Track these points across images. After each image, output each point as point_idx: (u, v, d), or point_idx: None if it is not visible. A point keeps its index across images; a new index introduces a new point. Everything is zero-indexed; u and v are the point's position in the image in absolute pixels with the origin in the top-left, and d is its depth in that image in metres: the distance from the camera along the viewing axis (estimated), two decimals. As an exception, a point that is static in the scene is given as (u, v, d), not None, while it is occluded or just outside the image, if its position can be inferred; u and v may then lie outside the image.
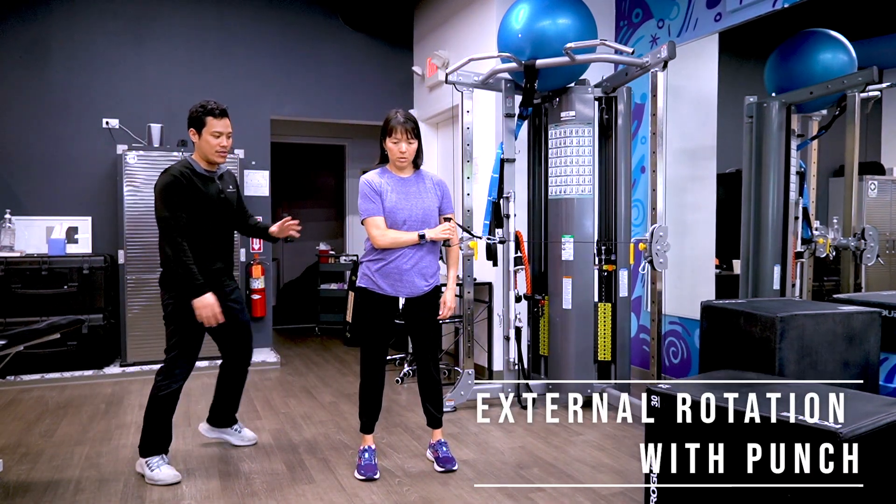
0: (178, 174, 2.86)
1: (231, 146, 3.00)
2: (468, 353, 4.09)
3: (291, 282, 7.89)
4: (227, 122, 2.96)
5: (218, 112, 2.93)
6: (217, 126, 2.92)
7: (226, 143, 2.95)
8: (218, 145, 2.94)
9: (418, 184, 2.94)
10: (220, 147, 2.94)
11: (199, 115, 2.92)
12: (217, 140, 2.93)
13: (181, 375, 2.94)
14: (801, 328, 2.65)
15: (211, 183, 3.00)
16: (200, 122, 2.92)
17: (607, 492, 2.75)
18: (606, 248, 4.05)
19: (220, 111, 2.94)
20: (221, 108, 2.95)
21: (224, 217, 3.07)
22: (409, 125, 2.85)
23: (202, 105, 2.93)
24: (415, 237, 2.82)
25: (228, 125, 2.97)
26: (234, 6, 5.63)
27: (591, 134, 4.00)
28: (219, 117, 2.93)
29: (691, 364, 4.19)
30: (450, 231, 2.87)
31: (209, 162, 3.00)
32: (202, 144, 2.95)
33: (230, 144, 2.99)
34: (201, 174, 2.96)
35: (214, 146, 2.93)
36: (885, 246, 3.33)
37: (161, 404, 2.91)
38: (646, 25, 4.50)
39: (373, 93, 6.09)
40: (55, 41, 5.15)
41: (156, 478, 2.85)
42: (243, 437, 3.34)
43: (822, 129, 3.63)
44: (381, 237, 2.83)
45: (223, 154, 2.98)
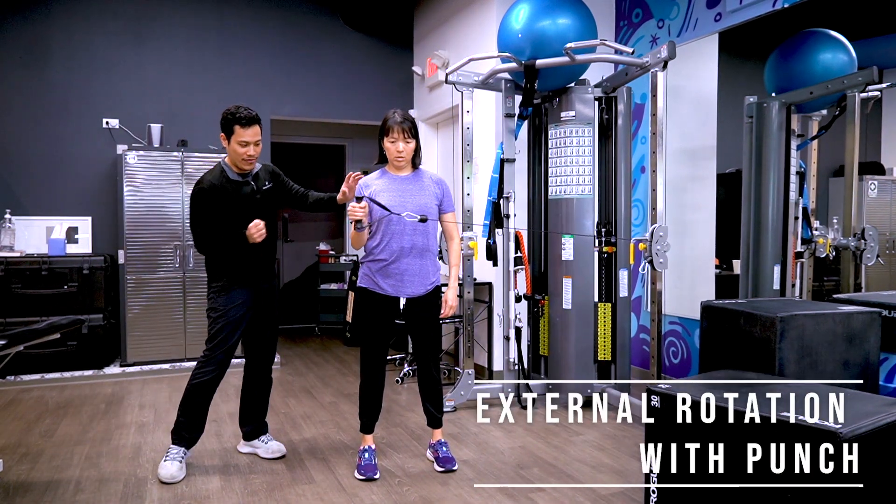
0: (206, 185, 2.93)
1: (259, 152, 2.99)
2: (468, 353, 4.09)
3: (291, 282, 7.89)
4: (255, 131, 2.93)
5: (245, 121, 2.89)
6: (244, 135, 2.90)
7: (253, 151, 2.95)
8: (245, 154, 2.93)
9: (415, 182, 2.94)
10: (246, 156, 2.94)
11: (228, 122, 2.91)
12: (244, 149, 2.92)
13: (219, 366, 3.01)
14: (801, 328, 2.65)
15: (244, 186, 3.02)
16: (229, 129, 2.91)
17: (607, 492, 2.75)
18: (607, 230, 4.03)
19: (248, 119, 2.90)
20: (250, 115, 2.91)
21: (260, 215, 3.03)
22: (406, 125, 2.86)
23: (231, 112, 2.91)
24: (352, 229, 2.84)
25: (257, 133, 2.94)
26: (234, 6, 5.63)
27: (591, 134, 4.00)
28: (245, 126, 2.89)
29: (691, 364, 4.19)
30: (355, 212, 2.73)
31: (241, 169, 3.02)
32: (230, 151, 2.96)
33: (259, 152, 2.98)
34: (233, 179, 3.00)
35: (241, 154, 2.93)
36: (885, 246, 3.33)
37: (195, 393, 2.98)
38: (646, 25, 4.50)
39: (373, 93, 6.09)
40: (55, 41, 5.15)
41: (160, 469, 2.90)
42: (269, 450, 3.22)
43: (822, 129, 3.63)
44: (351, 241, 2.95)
45: (250, 162, 2.99)
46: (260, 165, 3.14)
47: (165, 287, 4.97)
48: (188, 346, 5.08)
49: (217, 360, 3.01)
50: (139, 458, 3.17)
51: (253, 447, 3.25)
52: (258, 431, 3.26)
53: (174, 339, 5.03)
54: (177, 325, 5.03)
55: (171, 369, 4.95)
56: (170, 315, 5.01)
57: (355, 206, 2.74)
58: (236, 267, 3.02)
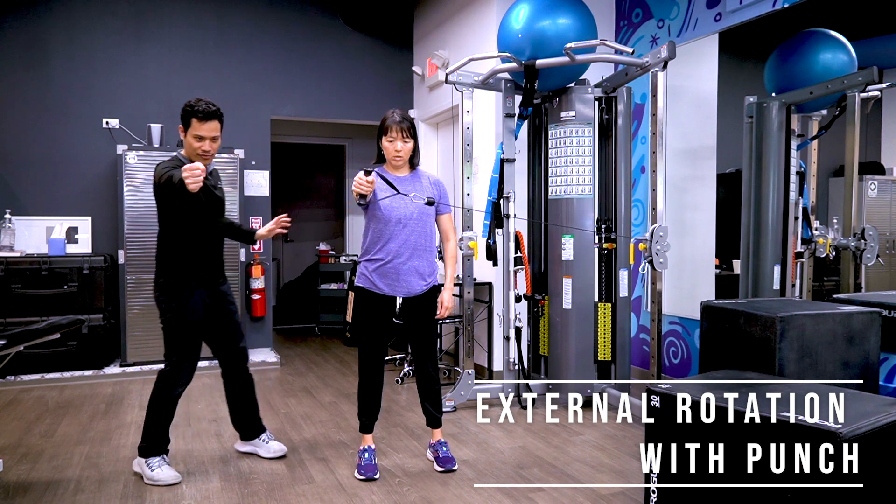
0: (171, 167, 2.77)
1: (216, 148, 2.87)
2: (468, 353, 4.09)
3: (291, 282, 7.89)
4: (213, 126, 2.81)
5: (203, 115, 2.77)
6: (200, 129, 2.78)
7: (208, 147, 2.82)
8: (200, 148, 2.82)
9: (414, 183, 2.94)
10: (201, 150, 2.82)
11: (186, 114, 2.80)
12: (199, 143, 2.81)
13: (188, 378, 2.93)
14: (801, 328, 2.65)
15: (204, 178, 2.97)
16: (187, 121, 2.81)
17: (607, 492, 2.75)
18: (607, 226, 4.03)
19: (206, 114, 2.78)
20: (209, 110, 2.79)
21: (217, 212, 3.02)
22: (404, 124, 2.86)
23: (191, 104, 2.80)
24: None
25: (215, 129, 2.82)
26: (234, 6, 5.63)
27: (591, 134, 4.00)
28: (203, 120, 2.77)
29: (691, 364, 4.19)
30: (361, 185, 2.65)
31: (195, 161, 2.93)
32: (186, 144, 2.86)
33: (215, 148, 2.87)
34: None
35: (196, 149, 2.82)
36: (885, 246, 3.33)
37: (163, 405, 2.90)
38: (646, 25, 4.50)
39: (373, 93, 6.09)
40: (55, 41, 5.15)
41: (156, 478, 2.85)
42: (270, 449, 3.20)
43: (822, 129, 3.63)
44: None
45: (206, 157, 2.85)
46: (213, 166, 3.07)
47: (165, 287, 4.97)
48: (188, 346, 5.08)
49: (185, 371, 2.92)
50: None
51: (254, 447, 3.24)
52: (256, 430, 3.24)
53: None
54: (177, 325, 5.02)
55: (171, 369, 4.94)
56: (170, 315, 5.00)
57: (363, 179, 2.65)
58: (193, 265, 2.91)
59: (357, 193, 2.69)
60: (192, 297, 2.88)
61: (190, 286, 2.88)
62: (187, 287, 2.88)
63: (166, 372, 2.90)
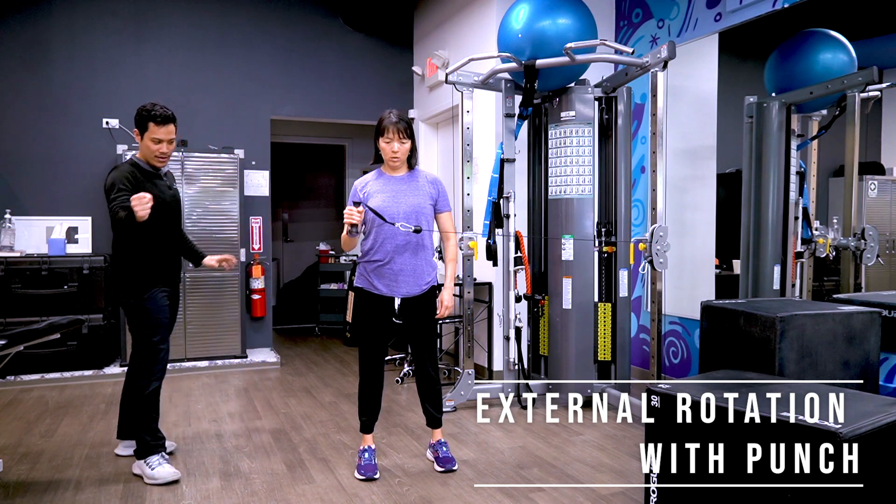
0: (126, 171, 2.86)
1: (172, 150, 2.98)
2: (468, 353, 4.09)
3: (291, 282, 7.89)
4: (170, 129, 2.92)
5: (160, 119, 2.88)
6: (158, 133, 2.89)
7: (166, 149, 2.94)
8: (158, 150, 2.92)
9: (410, 182, 2.94)
10: (159, 153, 2.93)
11: (143, 119, 2.89)
12: (157, 146, 2.91)
13: (161, 378, 2.98)
14: (801, 328, 2.65)
15: (158, 180, 3.01)
16: (143, 125, 2.90)
17: (607, 492, 2.75)
18: (607, 230, 4.03)
19: (163, 118, 2.89)
20: (165, 114, 2.90)
21: (174, 215, 3.09)
22: (401, 125, 2.85)
23: (146, 109, 2.89)
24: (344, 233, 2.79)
25: (171, 132, 2.93)
26: (234, 6, 5.63)
27: (591, 134, 4.00)
28: (160, 124, 2.88)
29: (691, 364, 4.19)
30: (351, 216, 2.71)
31: (151, 164, 3.00)
32: (143, 148, 2.94)
33: (172, 150, 2.98)
34: (147, 171, 2.96)
35: (154, 151, 2.92)
36: (885, 246, 3.33)
37: (144, 403, 2.93)
38: (646, 25, 4.50)
39: (373, 93, 6.09)
40: (55, 41, 5.15)
41: (156, 476, 2.85)
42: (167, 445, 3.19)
43: (822, 129, 3.63)
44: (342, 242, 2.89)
45: (163, 160, 2.98)
46: (166, 169, 3.15)
47: (165, 287, 4.97)
48: (188, 346, 5.09)
49: (159, 372, 2.97)
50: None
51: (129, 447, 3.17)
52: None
53: (174, 339, 5.01)
54: (177, 325, 5.00)
55: (171, 369, 4.94)
56: (170, 315, 5.00)
57: (352, 210, 2.73)
58: (155, 266, 2.97)
59: (349, 224, 2.73)
60: (158, 296, 2.95)
61: (155, 286, 2.95)
62: (152, 287, 2.94)
63: (137, 372, 2.94)
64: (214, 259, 3.24)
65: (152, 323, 2.93)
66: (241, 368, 5.17)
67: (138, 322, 2.93)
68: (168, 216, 3.02)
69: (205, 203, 5.14)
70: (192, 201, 5.10)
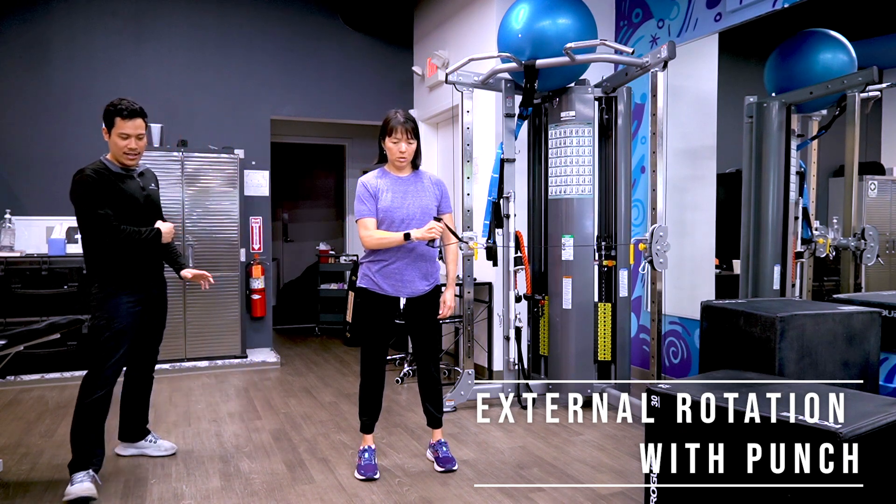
0: (91, 172, 2.77)
1: (142, 147, 2.88)
2: (468, 353, 4.09)
3: (291, 282, 7.89)
4: (137, 124, 2.81)
5: (126, 113, 2.77)
6: (125, 128, 2.78)
7: (135, 144, 2.83)
8: (126, 147, 2.81)
9: (416, 183, 2.94)
10: (127, 149, 2.82)
11: (109, 115, 2.79)
12: (125, 142, 2.80)
13: (108, 384, 2.81)
14: (801, 328, 2.65)
15: (129, 180, 2.90)
16: (110, 121, 2.79)
17: (607, 492, 2.75)
18: (606, 244, 4.04)
19: (130, 112, 2.78)
20: (132, 108, 2.79)
21: (150, 215, 2.97)
22: (408, 125, 2.85)
23: (113, 104, 2.79)
24: (400, 237, 2.80)
25: (139, 126, 2.82)
26: (234, 6, 5.63)
27: (591, 134, 4.00)
28: (127, 118, 2.78)
29: (691, 364, 4.19)
30: (436, 230, 2.79)
31: (123, 164, 2.89)
32: (112, 145, 2.84)
33: (142, 146, 2.88)
34: (117, 172, 2.86)
35: (122, 147, 2.81)
36: (885, 246, 3.33)
37: (84, 412, 2.76)
38: (646, 25, 4.50)
39: (373, 93, 6.09)
40: (55, 41, 5.15)
41: (69, 492, 2.64)
42: (160, 447, 3.19)
43: (822, 129, 3.63)
44: (369, 238, 2.84)
45: (132, 157, 2.86)
46: (146, 166, 3.07)
47: (165, 287, 4.96)
48: (188, 346, 5.09)
49: (104, 377, 2.79)
50: (139, 458, 3.17)
51: (139, 448, 3.19)
52: (142, 434, 3.19)
53: (174, 339, 5.03)
54: (177, 325, 5.03)
55: (171, 369, 4.95)
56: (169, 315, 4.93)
57: (437, 226, 2.76)
58: (126, 269, 2.85)
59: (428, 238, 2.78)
60: (122, 306, 2.82)
61: (120, 294, 2.82)
62: (117, 295, 2.81)
63: (87, 377, 2.79)
64: (190, 273, 3.09)
65: (107, 326, 2.77)
66: (241, 368, 5.17)
67: (95, 322, 2.80)
68: (139, 218, 2.89)
69: (205, 203, 5.13)
70: (192, 201, 5.10)
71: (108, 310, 2.80)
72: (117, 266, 2.83)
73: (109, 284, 2.82)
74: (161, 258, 3.07)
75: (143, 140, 2.86)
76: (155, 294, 3.02)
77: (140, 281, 2.91)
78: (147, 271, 2.95)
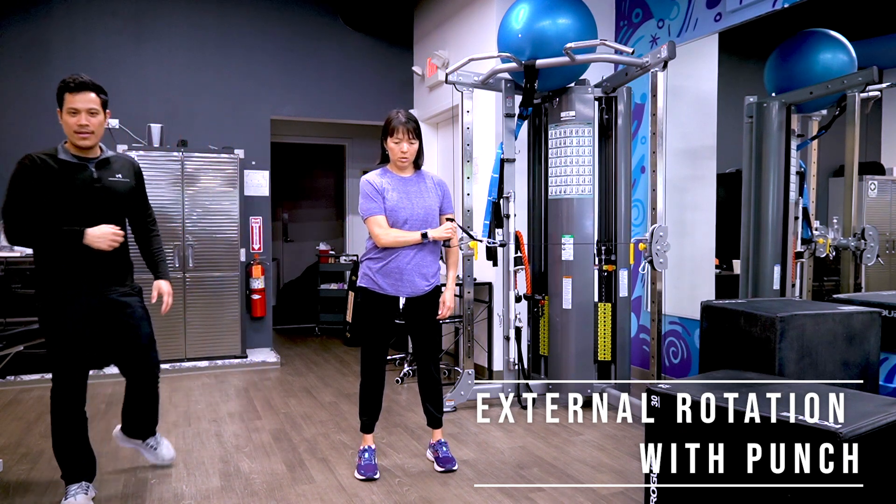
0: (27, 160, 2.47)
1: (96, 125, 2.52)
2: (468, 353, 4.09)
3: (291, 282, 7.89)
4: (88, 98, 2.47)
5: (74, 85, 2.45)
6: (74, 102, 2.45)
7: (85, 121, 2.47)
8: (76, 124, 2.47)
9: (419, 183, 2.94)
10: (77, 126, 2.47)
11: (59, 91, 2.48)
12: (74, 118, 2.46)
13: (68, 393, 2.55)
14: (801, 328, 2.65)
15: (79, 170, 2.54)
16: (60, 99, 2.48)
17: (607, 492, 2.75)
18: (606, 248, 4.05)
19: (78, 84, 2.46)
20: (81, 80, 2.47)
21: (103, 210, 2.57)
22: (410, 125, 2.85)
23: (64, 80, 2.48)
24: (417, 236, 2.82)
25: (91, 101, 2.48)
26: (234, 6, 5.63)
27: (591, 134, 4.00)
28: (76, 91, 2.45)
29: (691, 364, 4.19)
30: (452, 231, 2.87)
31: (78, 146, 2.54)
32: (64, 126, 2.50)
33: (96, 124, 2.51)
34: (64, 160, 2.51)
35: (72, 125, 2.47)
36: (885, 246, 3.33)
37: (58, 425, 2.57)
38: (646, 25, 4.50)
39: (373, 93, 6.09)
40: (55, 41, 5.15)
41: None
42: (157, 456, 3.01)
43: (822, 129, 3.63)
44: (384, 236, 2.82)
45: (84, 136, 2.50)
46: (116, 154, 2.72)
47: (165, 287, 4.96)
48: (188, 345, 5.09)
49: (59, 388, 2.53)
50: (139, 458, 3.16)
51: (137, 447, 3.02)
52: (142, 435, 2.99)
53: (174, 339, 5.03)
54: (177, 325, 5.03)
55: (171, 369, 4.95)
56: (170, 315, 5.00)
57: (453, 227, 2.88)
58: (70, 269, 2.52)
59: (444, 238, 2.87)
60: (67, 308, 2.53)
61: (65, 296, 2.53)
62: (62, 296, 2.53)
63: (52, 388, 2.57)
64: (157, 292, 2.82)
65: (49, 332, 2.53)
66: (241, 368, 5.17)
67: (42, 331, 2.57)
68: (85, 213, 2.52)
69: (205, 203, 5.13)
70: (192, 201, 5.09)
71: (50, 315, 2.53)
72: (57, 266, 2.52)
73: (51, 287, 2.53)
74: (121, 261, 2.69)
75: (96, 117, 2.51)
76: (115, 300, 2.64)
77: (87, 284, 2.56)
78: (96, 273, 2.58)
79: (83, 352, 2.57)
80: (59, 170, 2.50)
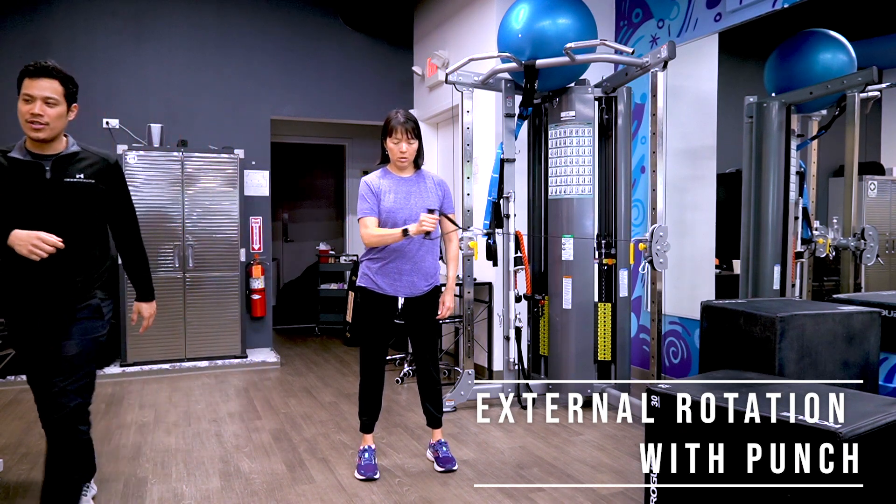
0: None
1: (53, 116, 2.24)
2: (468, 353, 4.09)
3: (291, 282, 7.89)
4: (46, 85, 2.23)
5: (34, 69, 2.23)
6: (30, 87, 2.21)
7: (39, 110, 2.20)
8: (28, 112, 2.20)
9: (419, 183, 2.94)
10: (29, 115, 2.20)
11: (18, 77, 2.26)
12: (27, 106, 2.20)
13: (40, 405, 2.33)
14: (801, 328, 2.65)
15: (32, 169, 2.24)
16: (18, 86, 2.25)
17: (607, 492, 2.75)
18: (606, 242, 4.04)
19: (39, 69, 2.24)
20: (43, 65, 2.26)
21: (54, 213, 2.25)
22: (409, 125, 2.85)
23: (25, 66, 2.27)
24: (398, 234, 2.77)
25: (48, 88, 2.23)
26: (234, 6, 5.63)
27: (591, 134, 4.00)
28: (34, 77, 2.22)
29: (691, 364, 4.19)
30: (427, 223, 2.69)
31: (35, 140, 2.26)
32: (19, 115, 2.24)
33: (52, 116, 2.23)
34: (15, 158, 2.24)
35: (24, 114, 2.21)
36: (884, 246, 3.33)
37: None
38: (646, 25, 4.49)
39: (373, 93, 6.09)
40: (56, 41, 5.15)
41: None
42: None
43: (822, 129, 3.63)
44: (367, 235, 2.84)
45: (37, 126, 2.21)
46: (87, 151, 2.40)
47: (165, 287, 4.97)
48: (188, 346, 5.09)
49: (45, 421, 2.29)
50: (139, 458, 3.17)
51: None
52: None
53: (174, 339, 5.03)
54: (177, 325, 5.04)
55: (171, 369, 4.95)
56: (170, 315, 5.01)
57: (430, 218, 2.68)
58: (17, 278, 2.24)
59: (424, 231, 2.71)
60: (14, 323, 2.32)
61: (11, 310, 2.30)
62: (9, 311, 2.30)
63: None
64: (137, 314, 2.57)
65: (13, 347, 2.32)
66: (241, 368, 5.17)
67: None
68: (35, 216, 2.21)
69: (205, 203, 5.13)
70: (192, 201, 5.09)
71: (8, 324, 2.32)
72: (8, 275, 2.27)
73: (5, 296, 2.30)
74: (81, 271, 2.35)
75: (54, 108, 2.24)
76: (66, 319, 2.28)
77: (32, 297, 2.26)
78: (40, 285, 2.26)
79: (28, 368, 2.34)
80: (8, 168, 2.23)
